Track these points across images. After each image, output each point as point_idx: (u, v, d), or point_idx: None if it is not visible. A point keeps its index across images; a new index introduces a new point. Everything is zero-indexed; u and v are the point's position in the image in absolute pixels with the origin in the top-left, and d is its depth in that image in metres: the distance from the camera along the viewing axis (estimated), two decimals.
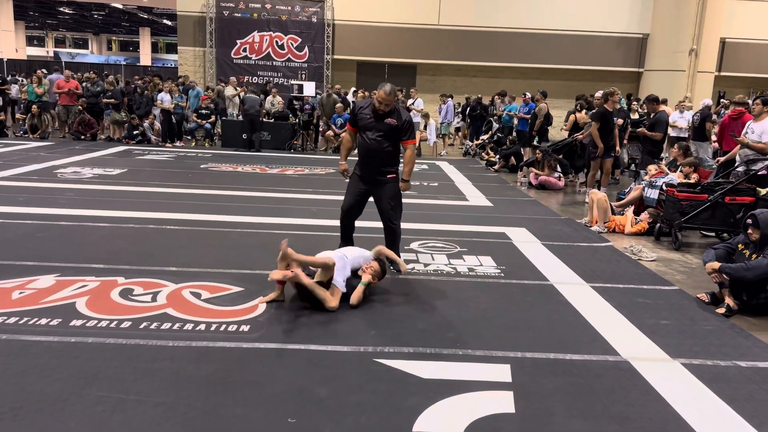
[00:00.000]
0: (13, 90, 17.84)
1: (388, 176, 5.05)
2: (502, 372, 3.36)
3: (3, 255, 5.06)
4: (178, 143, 14.47)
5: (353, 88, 16.87)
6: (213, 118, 14.81)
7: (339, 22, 19.25)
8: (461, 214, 7.84)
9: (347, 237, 5.29)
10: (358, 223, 5.35)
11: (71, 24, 49.68)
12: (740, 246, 4.68)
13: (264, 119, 14.82)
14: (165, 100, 14.35)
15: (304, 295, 4.22)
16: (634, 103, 14.69)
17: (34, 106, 14.34)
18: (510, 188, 10.39)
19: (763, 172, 6.84)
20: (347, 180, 5.36)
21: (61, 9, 40.14)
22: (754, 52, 19.60)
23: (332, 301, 4.17)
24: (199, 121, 14.70)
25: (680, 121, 11.61)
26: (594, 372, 3.42)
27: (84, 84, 15.12)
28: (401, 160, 5.10)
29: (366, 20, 19.22)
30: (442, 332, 3.90)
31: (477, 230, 6.85)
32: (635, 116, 12.24)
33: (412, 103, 15.15)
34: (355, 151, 5.46)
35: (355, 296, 4.28)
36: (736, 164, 7.23)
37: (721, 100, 16.85)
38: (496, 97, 15.94)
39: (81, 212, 6.78)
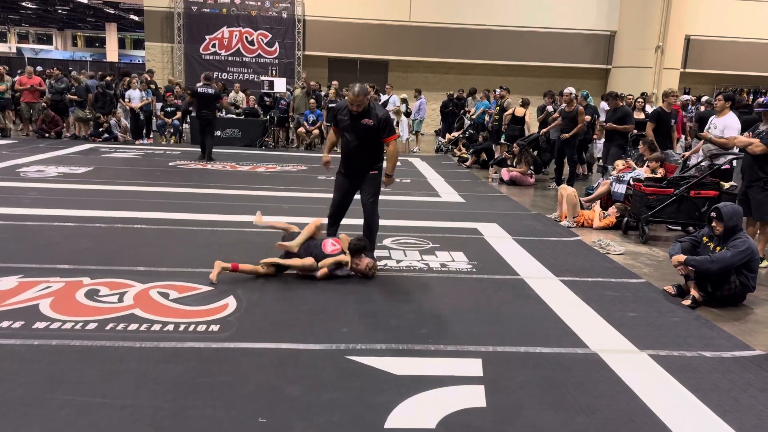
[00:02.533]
0: None
1: (371, 172, 5.25)
2: (473, 366, 3.38)
3: None
4: (146, 140, 14.16)
5: (387, 86, 15.92)
6: (179, 114, 14.51)
7: (310, 18, 19.10)
8: (433, 210, 7.87)
9: (334, 231, 5.46)
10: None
11: (34, 19, 48.33)
12: (705, 239, 4.79)
13: (232, 116, 14.64)
14: (134, 97, 14.00)
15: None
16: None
17: None
18: (481, 184, 10.46)
19: (727, 166, 7.01)
20: (328, 171, 5.71)
21: (24, 3, 39.05)
22: (718, 49, 20.03)
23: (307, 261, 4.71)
24: (165, 119, 14.44)
25: None
26: (563, 365, 3.46)
27: (48, 81, 14.73)
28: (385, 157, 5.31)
29: (337, 16, 19.11)
30: (415, 328, 3.90)
31: (449, 226, 6.87)
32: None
33: (387, 100, 15.06)
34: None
35: (321, 272, 4.72)
36: (700, 159, 7.39)
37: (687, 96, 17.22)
38: (469, 97, 16.02)
39: (45, 212, 6.61)
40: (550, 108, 11.86)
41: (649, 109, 12.07)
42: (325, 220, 5.42)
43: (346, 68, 19.67)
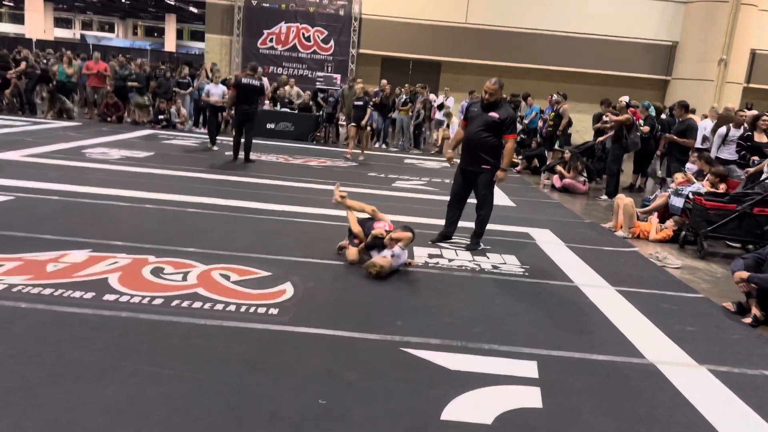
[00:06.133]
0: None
1: (483, 166, 5.66)
2: (528, 368, 3.37)
3: (37, 228, 5.15)
4: (214, 148, 11.49)
5: (446, 88, 15.87)
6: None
7: (366, 16, 19.25)
8: None
9: (451, 221, 6.02)
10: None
11: (98, 7, 50.16)
12: None
13: (286, 110, 14.87)
14: (213, 92, 12.08)
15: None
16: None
17: (51, 84, 14.54)
18: (532, 190, 10.37)
19: None
20: (451, 165, 6.22)
21: None
22: None
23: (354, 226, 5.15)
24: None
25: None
26: (621, 373, 3.43)
27: (112, 66, 15.26)
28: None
29: (393, 15, 19.20)
30: (468, 326, 3.92)
31: (500, 229, 6.83)
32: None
33: (445, 101, 15.08)
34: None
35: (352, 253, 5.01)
36: (764, 176, 7.16)
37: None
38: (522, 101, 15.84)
39: (110, 191, 6.87)
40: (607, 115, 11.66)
41: (709, 123, 11.70)
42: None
43: (398, 68, 19.73)
